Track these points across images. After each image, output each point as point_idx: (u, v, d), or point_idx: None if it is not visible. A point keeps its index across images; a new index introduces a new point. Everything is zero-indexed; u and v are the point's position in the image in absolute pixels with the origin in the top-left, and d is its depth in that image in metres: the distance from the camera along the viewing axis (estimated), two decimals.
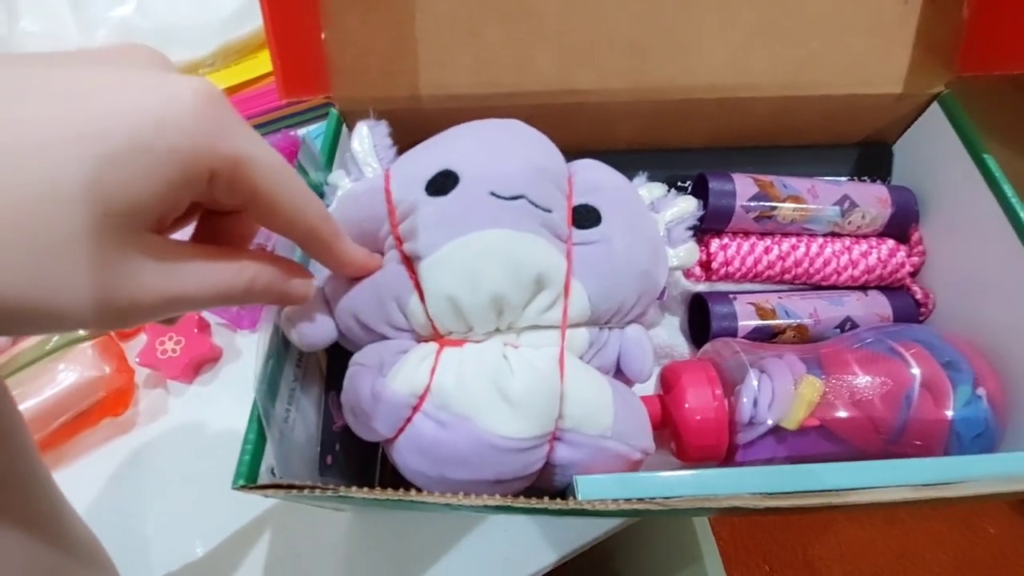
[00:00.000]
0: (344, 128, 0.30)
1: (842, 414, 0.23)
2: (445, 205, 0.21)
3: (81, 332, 0.36)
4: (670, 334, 0.29)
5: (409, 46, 0.28)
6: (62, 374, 0.34)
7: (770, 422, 0.23)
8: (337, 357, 0.25)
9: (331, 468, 0.24)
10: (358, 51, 0.28)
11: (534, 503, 0.18)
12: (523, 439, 0.20)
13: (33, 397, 0.33)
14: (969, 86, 0.28)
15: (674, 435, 0.25)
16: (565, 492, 0.20)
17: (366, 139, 0.25)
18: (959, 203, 0.27)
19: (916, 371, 0.23)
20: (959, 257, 0.27)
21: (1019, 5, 0.25)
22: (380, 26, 0.28)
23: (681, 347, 0.29)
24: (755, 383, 0.23)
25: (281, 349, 0.22)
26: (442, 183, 0.21)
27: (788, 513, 0.18)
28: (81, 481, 0.33)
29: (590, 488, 0.18)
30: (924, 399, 0.23)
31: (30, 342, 0.36)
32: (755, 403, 0.23)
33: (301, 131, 0.44)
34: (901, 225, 0.29)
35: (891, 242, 0.29)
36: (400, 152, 0.25)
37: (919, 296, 0.29)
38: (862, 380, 0.23)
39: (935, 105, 0.29)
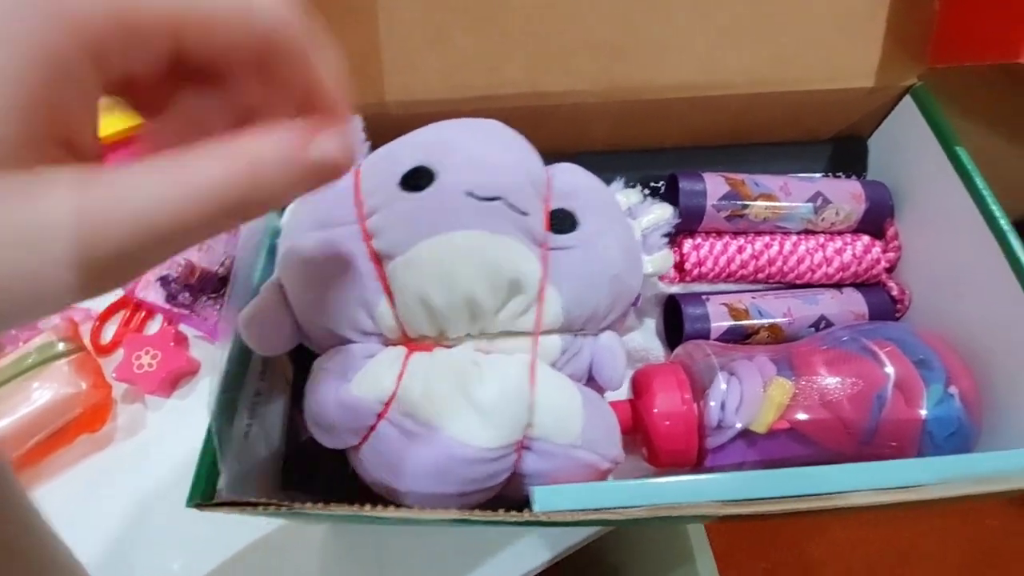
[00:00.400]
0: None
1: (813, 416, 0.22)
2: (419, 202, 0.20)
3: (59, 348, 0.36)
4: (645, 338, 0.29)
5: (375, 53, 0.28)
6: (37, 392, 0.34)
7: (739, 425, 0.22)
8: (304, 367, 0.24)
9: (298, 481, 0.24)
10: None
11: (490, 516, 0.18)
12: (490, 448, 0.19)
13: (8, 416, 0.33)
14: (947, 76, 0.27)
15: (645, 440, 0.24)
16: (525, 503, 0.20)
17: None
18: (933, 197, 0.27)
19: (888, 370, 0.22)
20: (934, 252, 0.27)
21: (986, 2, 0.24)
22: (345, 34, 0.27)
23: (656, 351, 0.29)
24: (723, 386, 0.23)
25: (242, 361, 0.22)
26: (417, 179, 0.21)
27: (748, 520, 0.18)
28: (59, 498, 0.33)
29: (547, 499, 0.18)
30: (896, 399, 0.22)
31: (5, 361, 0.35)
32: (723, 406, 0.22)
33: None
34: (876, 220, 0.29)
35: (866, 238, 0.29)
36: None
37: (895, 292, 0.28)
38: (832, 381, 0.23)
39: (908, 98, 0.28)
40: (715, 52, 0.27)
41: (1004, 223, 0.23)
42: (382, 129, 0.26)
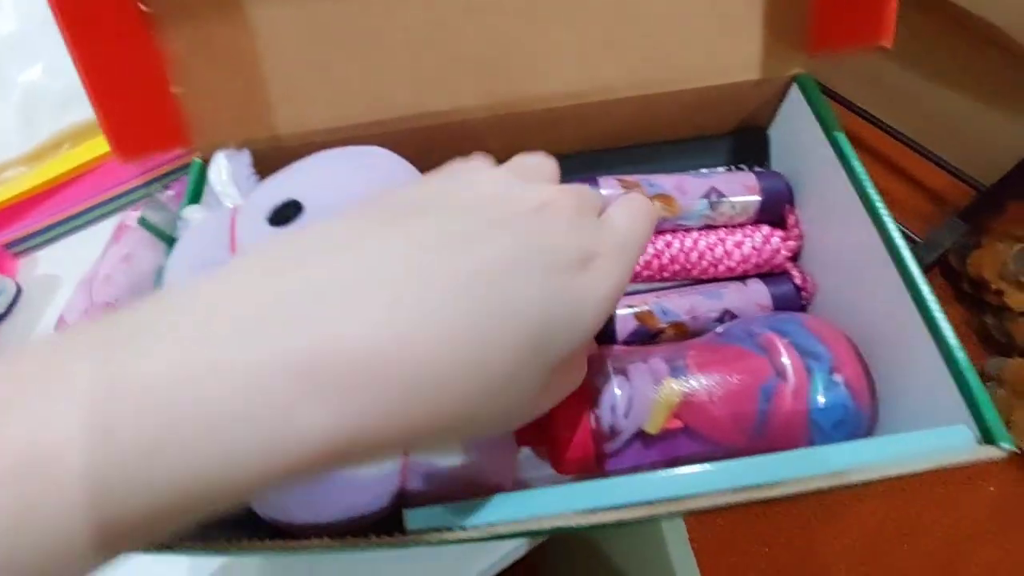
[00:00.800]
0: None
1: (704, 414, 0.22)
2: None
3: None
4: None
5: (261, 88, 0.28)
6: None
7: (631, 429, 0.22)
8: None
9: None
10: (212, 99, 0.28)
11: (362, 541, 0.18)
12: (367, 475, 0.20)
13: None
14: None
15: (549, 450, 0.25)
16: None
17: (224, 169, 0.25)
18: (821, 184, 0.27)
19: (772, 362, 0.23)
20: (829, 239, 0.27)
21: None
22: (229, 72, 0.28)
23: None
24: (616, 391, 0.23)
25: None
26: (285, 213, 0.21)
27: (616, 526, 0.18)
28: None
29: (418, 518, 0.19)
30: (781, 390, 0.22)
31: None
32: (613, 411, 0.23)
33: None
34: (774, 210, 0.29)
35: (766, 228, 0.29)
36: None
37: (798, 281, 0.28)
38: (720, 378, 0.23)
39: (795, 86, 0.28)
40: (593, 59, 0.27)
41: (881, 207, 0.23)
42: (278, 163, 0.26)
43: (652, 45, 0.28)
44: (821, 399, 0.22)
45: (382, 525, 0.19)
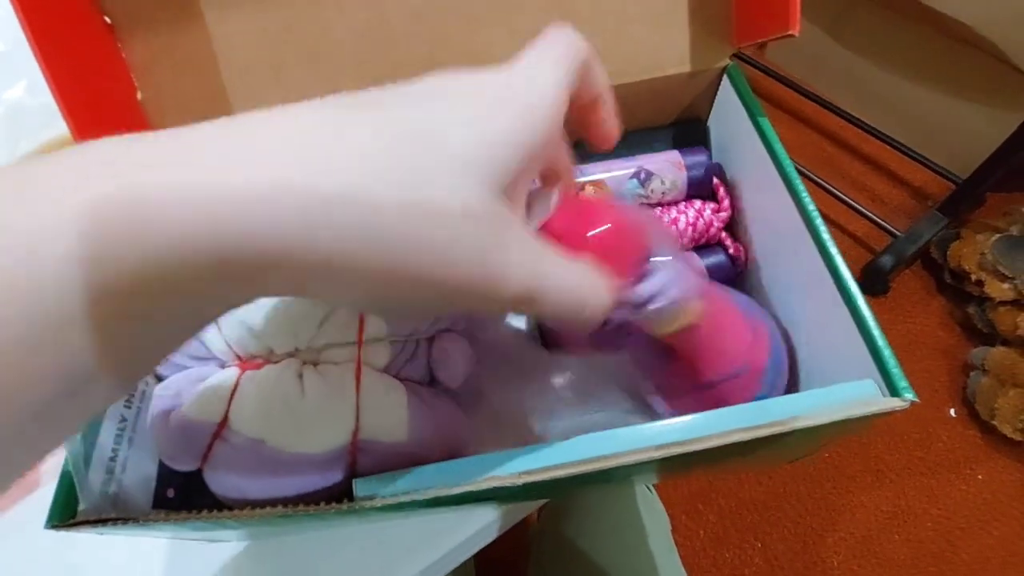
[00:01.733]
0: None
1: (687, 345, 0.22)
2: None
3: None
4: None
5: (219, 95, 0.30)
6: None
7: (654, 307, 0.20)
8: None
9: (173, 500, 0.26)
10: (175, 106, 0.30)
11: (313, 508, 0.19)
12: (314, 454, 0.21)
13: None
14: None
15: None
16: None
17: None
18: (750, 165, 0.28)
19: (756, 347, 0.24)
20: (756, 215, 0.29)
21: None
22: (190, 80, 0.30)
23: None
24: (669, 271, 0.20)
25: None
26: None
27: (547, 490, 0.19)
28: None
29: (365, 486, 0.20)
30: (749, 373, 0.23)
31: None
32: (656, 284, 0.20)
33: None
34: (703, 184, 0.30)
35: (698, 203, 0.30)
36: None
37: (731, 251, 0.30)
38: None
39: (725, 78, 0.30)
40: None
41: (802, 190, 0.25)
42: None
43: (597, 42, 0.29)
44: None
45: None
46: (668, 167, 0.29)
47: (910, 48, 1.05)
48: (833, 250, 0.23)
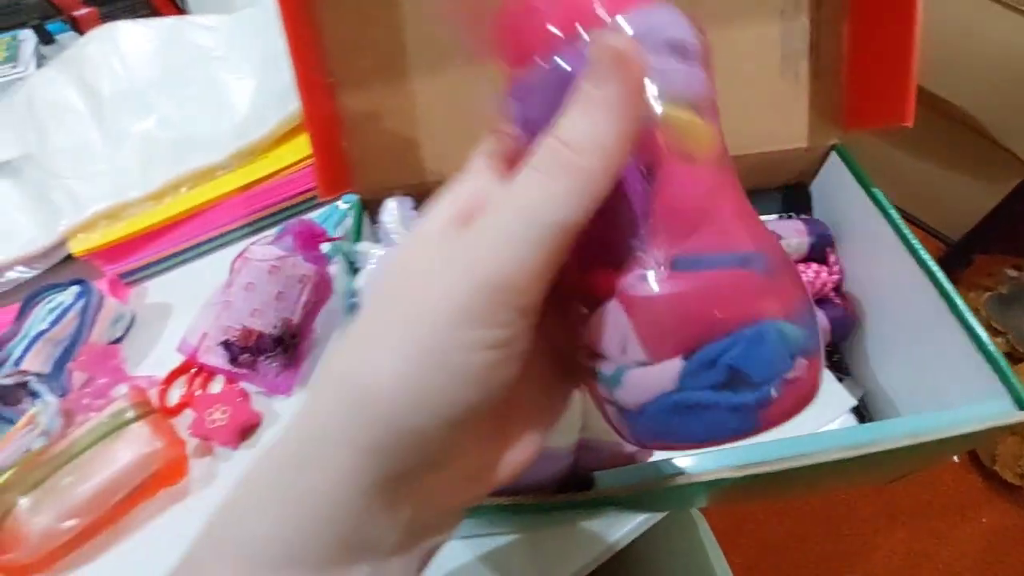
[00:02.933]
0: (365, 211, 0.36)
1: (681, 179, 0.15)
2: None
3: (130, 414, 0.40)
4: None
5: (415, 144, 0.35)
6: (120, 452, 0.38)
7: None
8: None
9: None
10: (373, 152, 0.35)
11: (559, 498, 0.23)
12: (562, 448, 0.25)
13: (95, 476, 0.37)
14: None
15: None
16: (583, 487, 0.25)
17: (394, 212, 0.31)
18: (861, 228, 0.34)
19: None
20: (869, 271, 0.34)
21: (879, 79, 0.33)
22: (389, 132, 0.35)
23: None
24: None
25: None
26: None
27: (754, 488, 0.23)
28: (145, 549, 0.37)
29: (606, 479, 0.24)
30: None
31: (84, 428, 0.39)
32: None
33: (311, 215, 0.51)
34: (820, 250, 0.36)
35: (815, 265, 0.36)
36: None
37: (842, 307, 0.35)
38: None
39: (833, 154, 0.36)
40: None
41: (914, 241, 0.30)
42: (421, 201, 0.33)
43: (723, 119, 0.35)
44: None
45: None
46: (793, 233, 0.35)
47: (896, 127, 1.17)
48: (954, 294, 0.28)
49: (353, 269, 0.31)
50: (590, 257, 0.15)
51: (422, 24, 0.33)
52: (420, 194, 0.34)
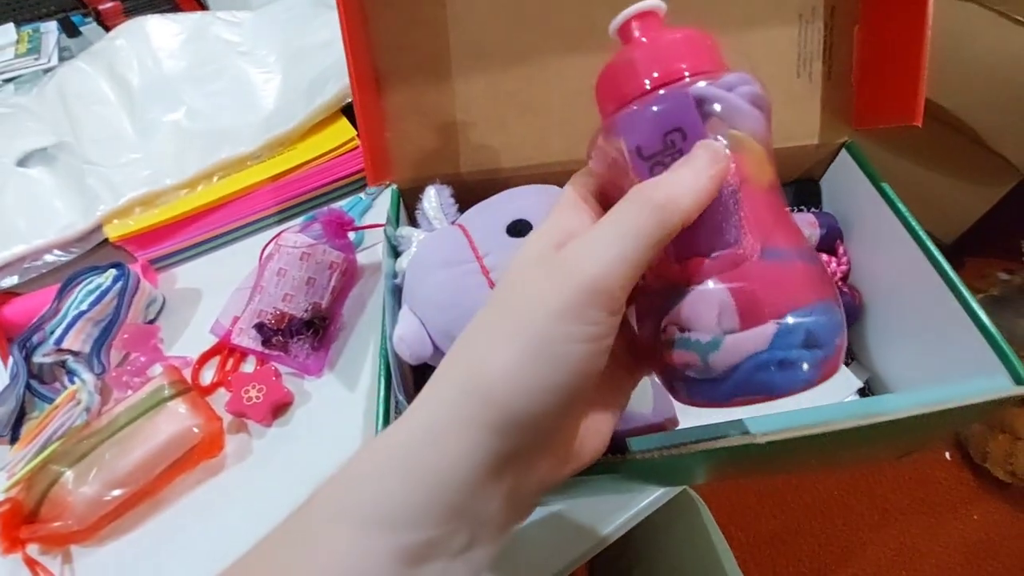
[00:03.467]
0: (401, 199, 0.38)
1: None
2: None
3: (167, 391, 0.41)
4: None
5: (453, 138, 0.37)
6: (161, 427, 0.39)
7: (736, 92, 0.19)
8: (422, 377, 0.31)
9: None
10: (413, 145, 0.37)
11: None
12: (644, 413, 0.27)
13: (137, 450, 0.38)
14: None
15: None
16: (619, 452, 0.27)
17: (434, 199, 0.33)
18: (869, 221, 0.36)
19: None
20: (876, 262, 0.36)
21: (888, 81, 0.35)
22: (429, 126, 0.36)
23: None
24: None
25: (393, 369, 0.29)
26: (519, 228, 0.29)
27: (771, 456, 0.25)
28: (183, 519, 0.38)
29: (639, 443, 0.26)
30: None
31: (124, 405, 0.41)
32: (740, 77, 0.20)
33: (340, 203, 0.52)
34: (829, 241, 0.38)
35: (824, 256, 0.38)
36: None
37: (849, 295, 0.37)
38: None
39: (844, 150, 0.39)
40: None
41: (923, 235, 0.33)
42: (459, 192, 0.34)
43: None
44: None
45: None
46: (806, 226, 0.37)
47: (898, 128, 1.20)
48: (958, 281, 0.30)
49: (395, 252, 0.33)
50: (689, 251, 0.19)
51: (463, 26, 0.35)
52: (455, 184, 0.36)
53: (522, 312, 0.17)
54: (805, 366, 0.18)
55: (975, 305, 0.30)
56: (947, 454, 1.10)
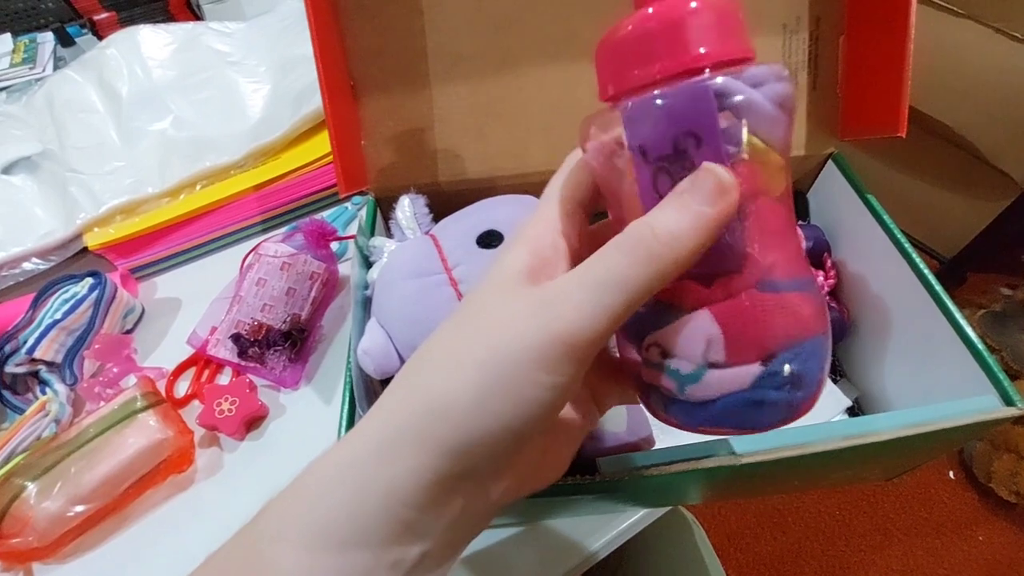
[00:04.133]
0: (378, 209, 0.37)
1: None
2: (494, 255, 0.28)
3: (139, 403, 0.40)
4: None
5: (430, 147, 0.36)
6: (129, 440, 0.38)
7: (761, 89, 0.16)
8: None
9: None
10: (389, 153, 0.36)
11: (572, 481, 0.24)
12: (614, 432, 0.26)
13: (104, 464, 0.37)
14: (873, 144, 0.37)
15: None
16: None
17: (408, 208, 0.32)
18: (856, 233, 0.35)
19: None
20: (863, 275, 0.35)
21: (873, 91, 0.34)
22: (406, 135, 0.36)
23: None
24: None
25: (356, 382, 0.28)
26: (489, 239, 0.29)
27: (749, 479, 0.24)
28: (149, 536, 0.37)
29: (609, 464, 0.24)
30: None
31: (95, 417, 0.40)
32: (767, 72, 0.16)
33: (322, 214, 0.52)
34: (817, 254, 0.37)
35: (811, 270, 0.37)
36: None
37: (837, 312, 0.36)
38: None
39: (830, 162, 0.38)
40: None
41: (908, 246, 0.32)
42: (436, 202, 0.34)
43: None
44: None
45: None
46: None
47: (902, 144, 1.19)
48: (946, 298, 0.29)
49: (367, 263, 0.33)
50: (683, 274, 0.16)
51: (440, 33, 0.34)
52: (432, 194, 0.35)
53: (491, 345, 0.16)
54: (783, 407, 0.17)
55: (962, 321, 0.29)
56: (951, 474, 1.08)
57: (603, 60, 0.17)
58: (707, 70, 0.15)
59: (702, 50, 0.15)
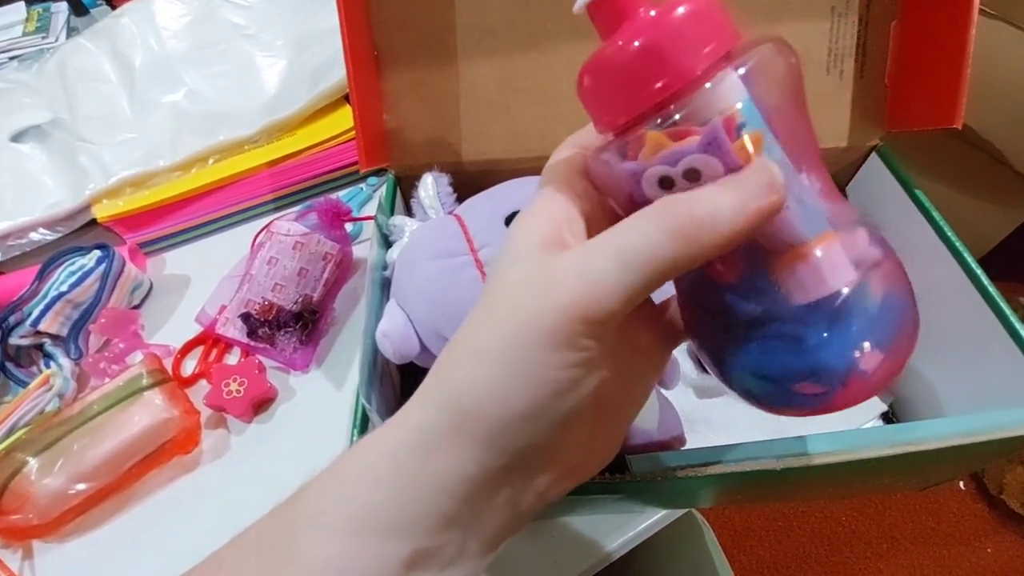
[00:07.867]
0: (398, 187, 0.36)
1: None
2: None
3: (145, 381, 0.39)
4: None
5: (455, 124, 0.34)
6: (134, 418, 0.37)
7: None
8: (409, 374, 0.29)
9: None
10: (412, 129, 0.35)
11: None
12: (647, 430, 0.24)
13: (108, 441, 0.36)
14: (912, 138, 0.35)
15: None
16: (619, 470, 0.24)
17: (431, 187, 0.30)
18: (900, 231, 0.34)
19: None
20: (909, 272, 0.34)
21: (927, 80, 0.32)
22: (430, 110, 0.34)
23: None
24: None
25: (372, 367, 0.27)
26: None
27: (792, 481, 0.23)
28: (151, 517, 0.36)
29: (640, 463, 0.23)
30: None
31: (99, 393, 0.39)
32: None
33: (339, 193, 0.50)
34: None
35: None
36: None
37: None
38: None
39: (874, 154, 0.36)
40: None
41: (959, 245, 0.30)
42: (458, 182, 0.32)
43: None
44: None
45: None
46: None
47: (926, 149, 1.17)
48: (998, 297, 0.28)
49: (387, 242, 0.31)
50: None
51: (471, 5, 0.33)
52: (455, 173, 0.34)
53: (507, 331, 0.15)
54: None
55: (1018, 325, 0.27)
56: (961, 484, 1.06)
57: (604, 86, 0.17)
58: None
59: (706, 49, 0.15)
